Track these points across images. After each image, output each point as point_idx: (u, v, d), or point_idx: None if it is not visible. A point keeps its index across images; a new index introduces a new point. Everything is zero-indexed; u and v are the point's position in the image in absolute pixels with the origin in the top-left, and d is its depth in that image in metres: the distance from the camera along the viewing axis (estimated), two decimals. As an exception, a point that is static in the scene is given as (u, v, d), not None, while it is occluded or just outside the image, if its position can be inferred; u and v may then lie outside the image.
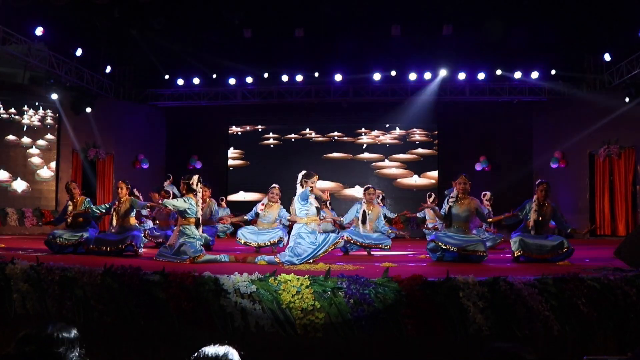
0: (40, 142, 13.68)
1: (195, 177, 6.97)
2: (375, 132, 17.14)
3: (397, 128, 17.00)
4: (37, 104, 13.83)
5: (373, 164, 16.99)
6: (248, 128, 17.53)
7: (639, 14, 11.94)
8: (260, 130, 17.51)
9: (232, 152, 17.52)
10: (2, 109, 13.30)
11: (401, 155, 16.91)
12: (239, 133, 17.60)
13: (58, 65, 13.42)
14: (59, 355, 2.06)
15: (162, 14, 13.28)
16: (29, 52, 12.55)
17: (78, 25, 13.57)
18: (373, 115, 16.81)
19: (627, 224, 13.25)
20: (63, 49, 13.50)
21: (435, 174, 16.64)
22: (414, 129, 16.92)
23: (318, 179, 6.68)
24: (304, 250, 6.37)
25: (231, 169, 17.46)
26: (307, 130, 17.35)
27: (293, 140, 17.38)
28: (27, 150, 13.59)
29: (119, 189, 7.89)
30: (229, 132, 17.61)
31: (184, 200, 6.75)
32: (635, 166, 13.26)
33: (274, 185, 8.80)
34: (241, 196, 17.02)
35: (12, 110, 13.44)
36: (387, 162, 16.96)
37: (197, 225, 6.82)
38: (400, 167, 16.89)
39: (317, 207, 6.70)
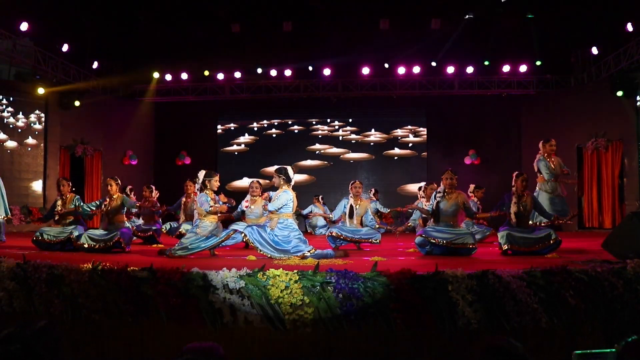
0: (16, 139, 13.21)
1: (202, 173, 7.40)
2: (363, 126, 17.11)
3: (385, 122, 16.97)
4: (23, 100, 13.66)
5: (359, 155, 17.00)
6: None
7: (626, 7, 12.00)
8: (264, 125, 17.50)
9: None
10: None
11: (390, 151, 16.90)
12: (256, 128, 17.62)
13: (44, 60, 13.24)
14: (44, 354, 2.03)
15: (149, 8, 13.17)
16: (14, 48, 12.37)
17: (64, 21, 13.40)
18: (362, 109, 16.79)
19: (614, 216, 13.37)
20: (49, 45, 13.30)
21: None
22: (403, 123, 16.91)
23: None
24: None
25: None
26: (295, 125, 17.32)
27: (282, 133, 17.34)
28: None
29: (108, 186, 7.84)
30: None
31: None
32: (622, 159, 13.38)
33: (252, 179, 8.93)
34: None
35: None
36: (374, 156, 16.97)
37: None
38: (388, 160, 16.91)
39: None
